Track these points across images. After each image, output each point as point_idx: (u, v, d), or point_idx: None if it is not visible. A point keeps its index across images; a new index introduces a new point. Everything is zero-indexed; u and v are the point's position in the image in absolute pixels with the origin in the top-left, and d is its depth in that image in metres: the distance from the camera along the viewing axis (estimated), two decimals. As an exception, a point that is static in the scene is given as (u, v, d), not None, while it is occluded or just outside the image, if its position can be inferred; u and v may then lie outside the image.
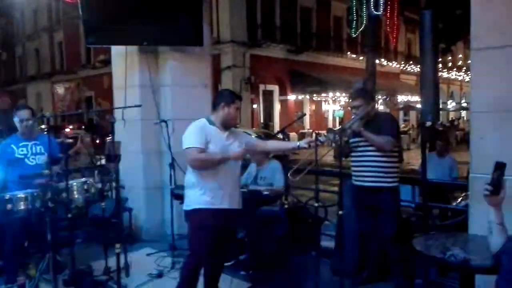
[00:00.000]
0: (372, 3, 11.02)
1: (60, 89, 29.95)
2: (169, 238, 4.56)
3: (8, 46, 33.80)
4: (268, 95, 22.60)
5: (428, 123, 3.20)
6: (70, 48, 28.72)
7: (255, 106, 21.51)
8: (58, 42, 30.53)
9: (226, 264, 3.57)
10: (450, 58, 29.19)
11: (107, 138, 4.66)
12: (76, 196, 3.77)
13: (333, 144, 3.40)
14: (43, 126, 7.50)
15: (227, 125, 3.19)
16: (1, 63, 35.13)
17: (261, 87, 21.49)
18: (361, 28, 12.67)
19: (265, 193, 4.07)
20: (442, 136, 7.28)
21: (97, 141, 15.32)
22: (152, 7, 4.65)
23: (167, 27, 4.75)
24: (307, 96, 23.63)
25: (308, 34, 23.56)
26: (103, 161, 4.69)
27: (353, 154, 3.67)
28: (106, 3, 4.63)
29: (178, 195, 4.16)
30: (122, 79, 5.11)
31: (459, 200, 5.03)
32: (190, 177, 3.15)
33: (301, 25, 23.39)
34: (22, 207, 3.50)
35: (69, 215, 3.56)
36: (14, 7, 31.04)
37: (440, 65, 24.01)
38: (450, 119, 28.93)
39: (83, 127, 22.95)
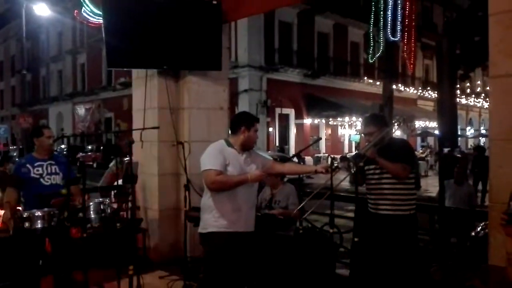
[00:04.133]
0: (389, 29, 11.11)
1: (80, 110, 30.71)
2: (182, 261, 4.54)
3: (33, 67, 34.84)
4: (284, 118, 22.70)
5: (446, 150, 3.17)
6: (92, 70, 29.52)
7: (271, 129, 21.58)
8: (80, 64, 31.42)
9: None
10: (468, 84, 28.94)
11: (125, 159, 4.72)
12: (92, 216, 3.80)
13: (352, 170, 3.38)
14: (63, 146, 7.66)
15: (247, 148, 3.20)
16: (25, 84, 36.15)
17: (277, 110, 21.62)
18: (378, 54, 12.74)
19: (279, 217, 4.04)
20: (460, 163, 7.14)
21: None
22: (173, 32, 4.78)
23: (187, 52, 4.86)
24: (323, 120, 23.64)
25: (324, 59, 23.73)
26: (120, 181, 4.74)
27: (368, 181, 3.64)
28: (128, 28, 4.78)
29: (192, 217, 4.15)
30: (142, 101, 5.21)
31: (479, 229, 4.89)
32: (206, 199, 3.15)
33: (318, 50, 23.60)
34: (39, 226, 3.54)
35: (84, 235, 3.58)
36: (40, 29, 32.31)
37: (458, 92, 23.83)
38: (470, 145, 28.45)
39: (101, 147, 23.35)
